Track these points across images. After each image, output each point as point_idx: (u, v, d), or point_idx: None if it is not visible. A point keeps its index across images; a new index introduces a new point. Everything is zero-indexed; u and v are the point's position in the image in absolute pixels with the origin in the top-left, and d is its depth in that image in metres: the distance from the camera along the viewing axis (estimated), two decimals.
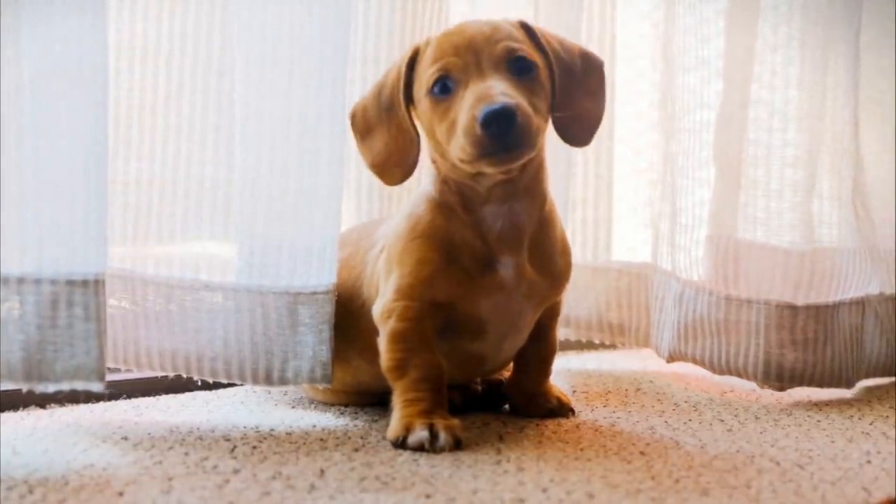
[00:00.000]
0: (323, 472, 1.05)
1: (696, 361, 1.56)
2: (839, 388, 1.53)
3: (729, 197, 1.58)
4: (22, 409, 1.29)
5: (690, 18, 1.58)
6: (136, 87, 1.29)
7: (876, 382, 1.63)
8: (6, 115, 1.06)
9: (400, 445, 1.14)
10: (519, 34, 1.19)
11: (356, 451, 1.13)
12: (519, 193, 1.21)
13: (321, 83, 1.24)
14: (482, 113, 1.09)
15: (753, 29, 1.57)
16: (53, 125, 1.08)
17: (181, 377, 1.29)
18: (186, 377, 1.28)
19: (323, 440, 1.18)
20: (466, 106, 1.12)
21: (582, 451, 1.15)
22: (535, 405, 1.33)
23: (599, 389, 1.52)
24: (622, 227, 1.79)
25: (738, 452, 1.17)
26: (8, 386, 1.11)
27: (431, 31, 1.52)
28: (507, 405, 1.37)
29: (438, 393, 1.19)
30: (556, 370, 1.37)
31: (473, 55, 1.15)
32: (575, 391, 1.50)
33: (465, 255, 1.20)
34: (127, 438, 1.16)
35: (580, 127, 1.24)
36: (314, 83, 1.24)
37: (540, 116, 1.15)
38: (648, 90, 1.71)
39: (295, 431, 1.22)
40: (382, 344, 1.21)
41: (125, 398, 1.37)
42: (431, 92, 1.16)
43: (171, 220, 1.30)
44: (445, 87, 1.15)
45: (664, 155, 1.64)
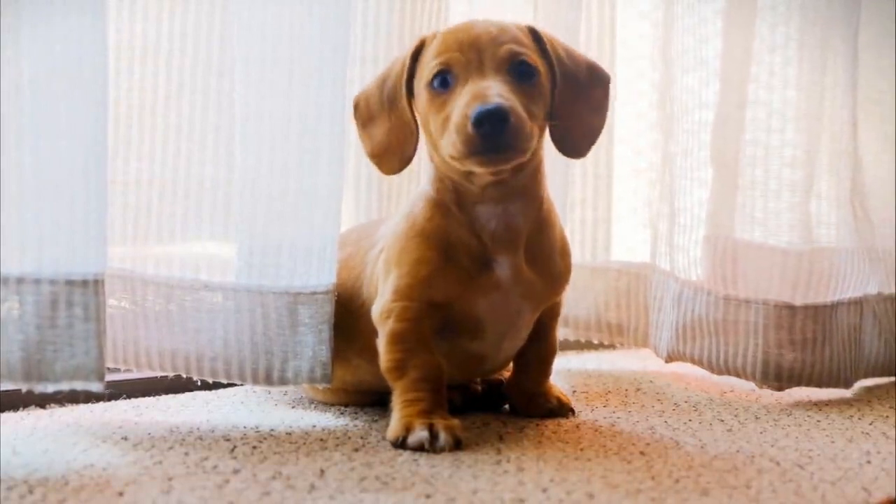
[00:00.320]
0: (323, 472, 1.05)
1: (694, 361, 1.57)
2: (838, 387, 1.53)
3: (727, 197, 1.58)
4: (22, 409, 1.29)
5: (689, 19, 1.58)
6: (135, 87, 1.29)
7: (875, 382, 1.63)
8: (6, 115, 1.06)
9: (400, 445, 1.14)
10: (525, 39, 1.19)
11: (356, 451, 1.13)
12: (513, 195, 1.20)
13: (321, 83, 1.24)
14: (475, 111, 1.09)
15: (751, 29, 1.57)
16: (53, 125, 1.07)
17: (181, 377, 1.29)
18: (186, 377, 1.28)
19: (323, 440, 1.18)
20: (461, 103, 1.12)
21: (582, 451, 1.15)
22: (535, 405, 1.33)
23: (599, 389, 1.52)
24: (622, 227, 1.79)
25: (738, 452, 1.17)
26: (8, 386, 1.11)
27: (430, 30, 1.52)
28: (507, 405, 1.37)
29: (438, 393, 1.19)
30: (556, 370, 1.37)
31: (476, 53, 1.15)
32: (575, 391, 1.50)
33: (461, 254, 1.20)
34: (127, 438, 1.16)
35: (577, 138, 1.24)
36: (314, 83, 1.24)
37: (535, 122, 1.15)
38: (648, 90, 1.71)
39: (295, 431, 1.22)
40: (381, 345, 1.21)
41: (125, 398, 1.37)
42: (431, 85, 1.16)
43: (171, 220, 1.29)
44: (445, 81, 1.16)
45: (663, 155, 1.64)
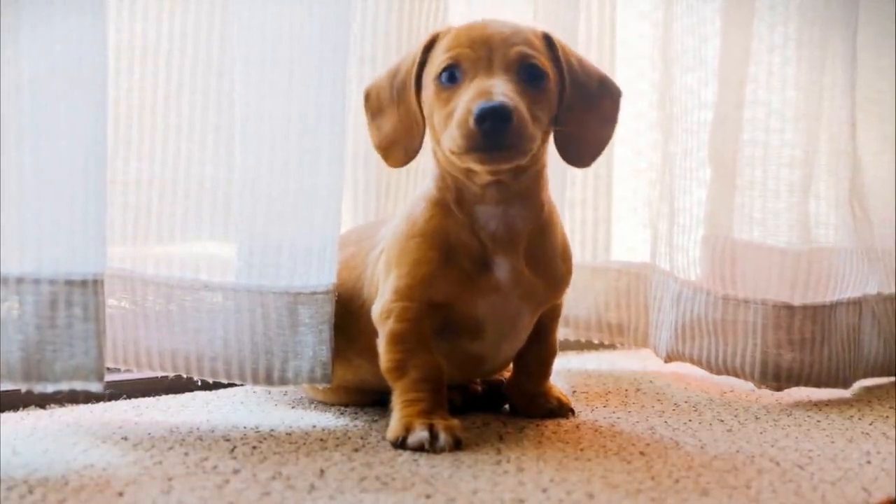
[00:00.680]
0: (323, 472, 1.05)
1: (693, 361, 1.57)
2: (836, 388, 1.53)
3: (725, 197, 1.58)
4: (22, 409, 1.29)
5: (689, 19, 1.58)
6: (135, 87, 1.29)
7: (874, 382, 1.64)
8: (6, 115, 1.05)
9: (400, 446, 1.14)
10: (538, 43, 1.19)
11: (356, 451, 1.13)
12: (513, 198, 1.20)
13: (321, 83, 1.24)
14: (478, 107, 1.09)
15: (750, 29, 1.57)
16: (53, 125, 1.07)
17: (181, 377, 1.29)
18: (186, 377, 1.28)
19: (323, 440, 1.18)
20: (466, 98, 1.12)
21: (582, 451, 1.15)
22: (535, 406, 1.33)
23: (599, 389, 1.52)
24: (622, 227, 1.79)
25: (738, 452, 1.17)
26: (7, 386, 1.11)
27: (428, 31, 1.52)
28: (507, 405, 1.37)
29: (438, 393, 1.19)
30: (556, 370, 1.37)
31: (487, 51, 1.15)
32: (575, 391, 1.50)
33: (461, 254, 1.20)
34: (127, 438, 1.16)
35: (582, 147, 1.24)
36: (314, 83, 1.24)
37: (538, 126, 1.15)
38: (648, 90, 1.71)
39: (295, 431, 1.22)
40: (381, 345, 1.21)
41: (125, 398, 1.37)
42: (438, 79, 1.17)
43: (170, 220, 1.29)
44: (453, 76, 1.16)
45: (663, 155, 1.64)
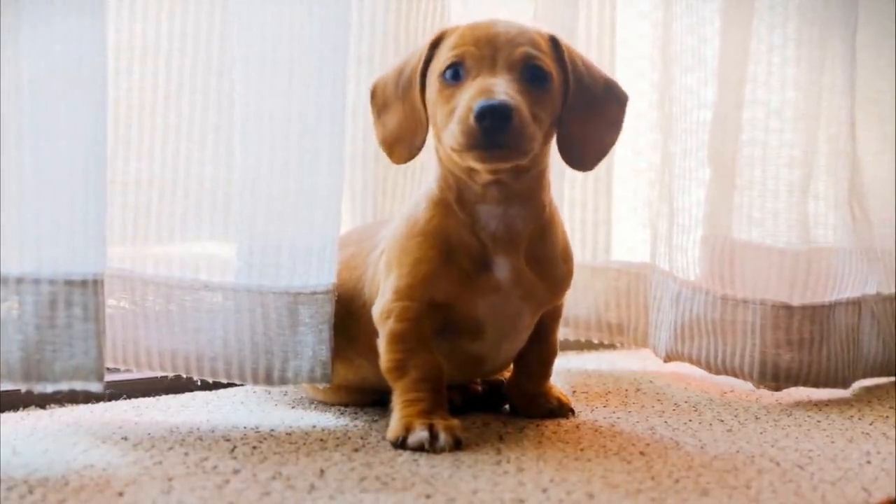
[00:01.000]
0: (323, 472, 1.04)
1: (692, 361, 1.56)
2: (835, 388, 1.53)
3: (724, 197, 1.58)
4: (22, 409, 1.29)
5: (688, 19, 1.58)
6: (135, 87, 1.29)
7: (874, 382, 1.64)
8: (6, 115, 1.05)
9: (400, 446, 1.14)
10: (543, 45, 1.19)
11: (356, 451, 1.13)
12: (514, 199, 1.20)
13: (321, 83, 1.24)
14: (479, 105, 1.09)
15: (749, 29, 1.57)
16: (53, 125, 1.07)
17: (181, 377, 1.29)
18: (186, 377, 1.28)
19: (323, 440, 1.18)
20: (467, 96, 1.12)
21: (582, 451, 1.15)
22: (535, 406, 1.33)
23: (599, 389, 1.52)
24: (622, 227, 1.78)
25: (738, 453, 1.17)
26: (7, 386, 1.11)
27: (426, 31, 1.52)
28: (507, 405, 1.37)
29: (438, 393, 1.19)
30: (556, 370, 1.37)
31: (491, 51, 1.15)
32: (575, 391, 1.50)
33: (461, 254, 1.20)
34: (127, 438, 1.16)
35: (585, 151, 1.24)
36: (314, 83, 1.24)
37: (540, 127, 1.15)
38: (648, 90, 1.71)
39: (295, 431, 1.22)
40: (381, 345, 1.21)
41: (125, 398, 1.37)
42: (442, 76, 1.17)
43: (170, 219, 1.29)
44: (457, 73, 1.16)
45: (663, 155, 1.64)
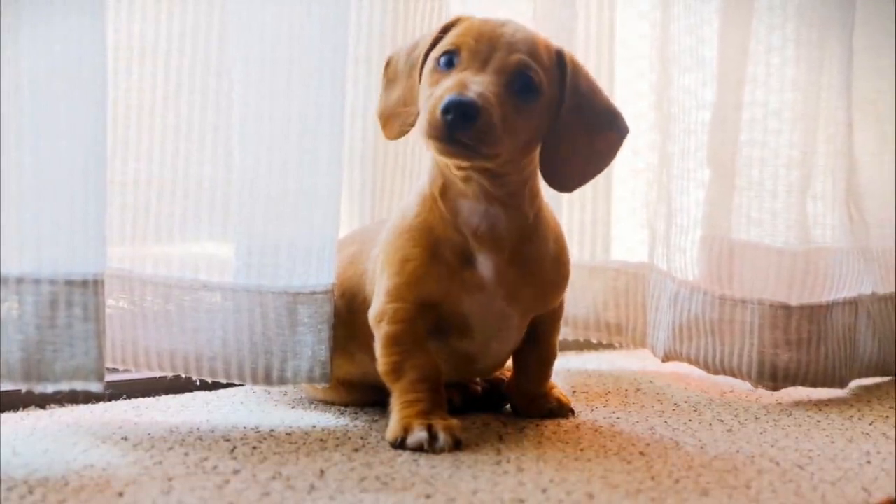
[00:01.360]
0: (323, 472, 1.04)
1: (690, 361, 1.57)
2: (832, 387, 1.53)
3: (723, 197, 1.58)
4: (22, 409, 1.29)
5: (687, 20, 1.58)
6: (134, 87, 1.28)
7: (874, 382, 1.64)
8: (6, 115, 1.05)
9: (399, 447, 1.14)
10: (546, 58, 1.17)
11: (356, 451, 1.13)
12: (495, 201, 1.19)
13: (321, 83, 1.24)
14: (447, 98, 1.08)
15: (748, 30, 1.57)
16: (53, 125, 1.07)
17: (181, 377, 1.29)
18: (186, 377, 1.28)
19: (323, 440, 1.18)
20: (445, 86, 1.12)
21: (582, 451, 1.15)
22: (535, 406, 1.33)
23: (599, 389, 1.52)
24: (621, 227, 1.78)
25: (738, 453, 1.17)
26: (8, 386, 1.11)
27: (424, 31, 1.52)
28: (507, 405, 1.37)
29: (436, 393, 1.19)
30: (556, 370, 1.37)
31: (489, 49, 1.14)
32: (575, 391, 1.50)
33: (446, 249, 1.20)
34: (127, 438, 1.16)
35: (568, 172, 1.22)
36: (314, 83, 1.24)
37: (512, 136, 1.13)
38: (647, 91, 1.71)
39: (295, 431, 1.22)
40: (377, 348, 1.21)
41: (125, 398, 1.37)
42: (437, 61, 1.16)
43: (169, 220, 1.29)
44: (450, 61, 1.15)
45: (661, 155, 1.64)
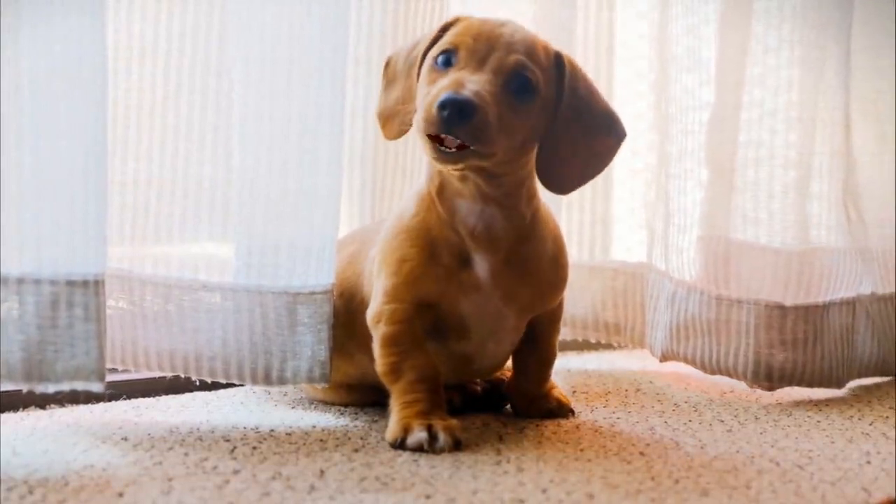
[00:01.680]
0: (323, 472, 1.04)
1: (687, 361, 1.57)
2: (829, 387, 1.53)
3: (722, 198, 1.58)
4: (22, 409, 1.29)
5: (686, 20, 1.58)
6: (133, 87, 1.28)
7: (874, 382, 1.64)
8: (6, 115, 1.05)
9: (398, 447, 1.14)
10: (544, 59, 1.17)
11: (356, 451, 1.13)
12: (490, 202, 1.19)
13: (321, 83, 1.24)
14: (444, 95, 1.08)
15: (747, 30, 1.57)
16: (53, 125, 1.07)
17: (181, 377, 1.29)
18: (186, 377, 1.28)
19: (323, 440, 1.18)
20: (441, 84, 1.12)
21: (582, 451, 1.15)
22: (534, 407, 1.33)
23: (599, 389, 1.52)
24: (620, 227, 1.78)
25: (738, 453, 1.17)
26: (8, 386, 1.11)
27: (424, 31, 1.52)
28: (507, 405, 1.37)
29: (436, 393, 1.19)
30: (555, 370, 1.37)
31: (487, 49, 1.14)
32: (575, 391, 1.50)
33: (443, 249, 1.20)
34: (127, 439, 1.16)
35: (564, 175, 1.21)
36: (314, 83, 1.24)
37: (507, 136, 1.13)
38: (647, 91, 1.71)
39: (295, 432, 1.22)
40: (376, 349, 1.21)
41: (125, 398, 1.37)
42: (435, 59, 1.16)
43: (169, 220, 1.29)
44: (448, 60, 1.15)
45: (659, 156, 1.64)
